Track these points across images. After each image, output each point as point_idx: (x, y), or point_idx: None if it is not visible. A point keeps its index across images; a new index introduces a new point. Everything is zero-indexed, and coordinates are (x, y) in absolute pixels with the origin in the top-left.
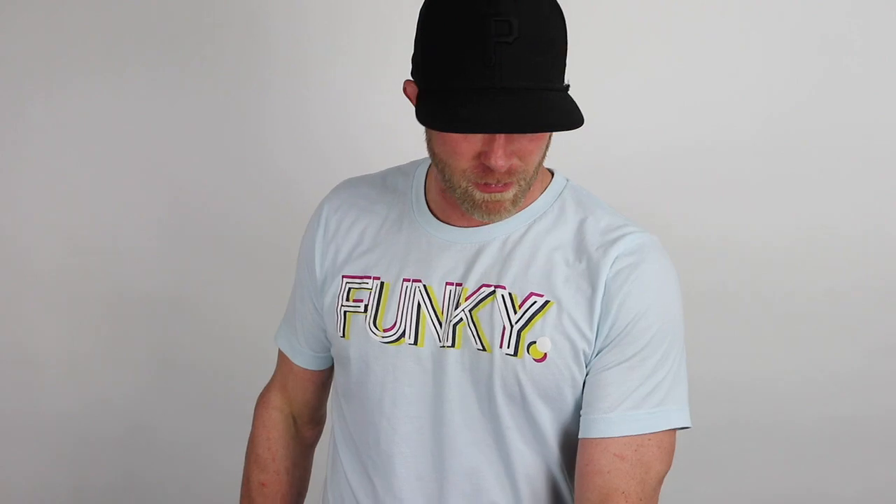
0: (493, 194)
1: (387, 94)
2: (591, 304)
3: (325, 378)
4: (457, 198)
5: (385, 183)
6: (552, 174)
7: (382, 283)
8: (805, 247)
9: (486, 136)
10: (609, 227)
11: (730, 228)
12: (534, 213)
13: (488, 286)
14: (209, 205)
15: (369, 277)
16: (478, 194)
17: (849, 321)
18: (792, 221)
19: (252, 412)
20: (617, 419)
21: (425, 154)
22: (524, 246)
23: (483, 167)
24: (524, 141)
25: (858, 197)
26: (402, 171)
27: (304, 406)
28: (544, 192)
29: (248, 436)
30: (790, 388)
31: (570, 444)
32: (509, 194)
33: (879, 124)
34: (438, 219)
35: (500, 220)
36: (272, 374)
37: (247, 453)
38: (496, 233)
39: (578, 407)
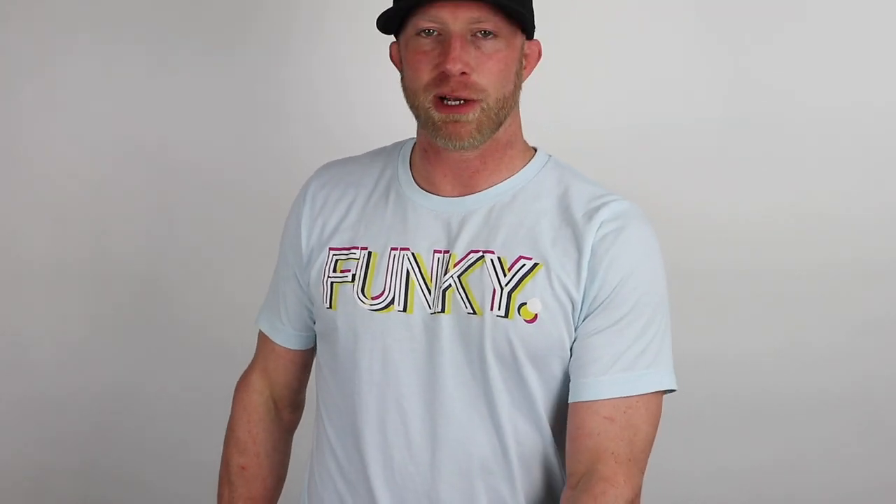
0: (452, 114)
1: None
2: (579, 267)
3: (306, 359)
4: (423, 126)
5: (368, 161)
6: (535, 152)
7: (370, 253)
8: (783, 223)
9: (445, 45)
10: (592, 196)
11: (709, 206)
12: (519, 182)
13: (476, 252)
14: (202, 187)
15: (356, 248)
16: (437, 115)
17: (826, 297)
18: (771, 198)
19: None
20: (608, 381)
21: None
22: (510, 213)
23: (441, 75)
24: (482, 57)
25: (836, 174)
26: (385, 150)
27: (284, 388)
28: (528, 164)
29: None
30: (767, 363)
31: (558, 412)
32: (469, 116)
33: (856, 99)
34: (422, 188)
35: (465, 147)
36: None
37: (226, 437)
38: (482, 202)
39: (565, 374)
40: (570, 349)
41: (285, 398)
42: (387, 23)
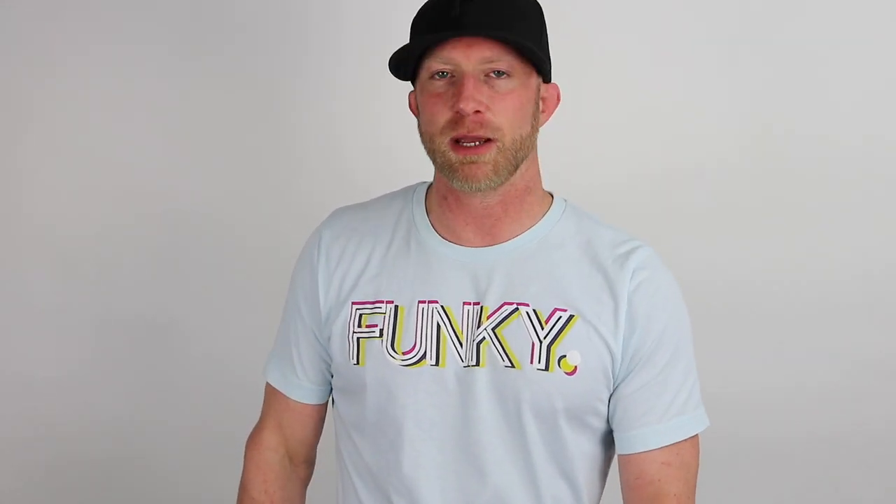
0: (468, 155)
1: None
2: (616, 318)
3: (322, 412)
4: (440, 169)
5: (383, 208)
6: (552, 198)
7: (397, 307)
8: (791, 267)
9: (458, 86)
10: (615, 241)
11: (717, 250)
12: (541, 231)
13: (510, 304)
14: (207, 225)
15: (382, 302)
16: (454, 156)
17: (835, 337)
18: (779, 241)
19: (241, 439)
20: (663, 430)
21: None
22: (537, 263)
23: (456, 116)
24: (496, 96)
25: (848, 218)
26: (397, 195)
27: (300, 444)
28: (548, 213)
29: (234, 463)
30: (775, 403)
31: (588, 463)
32: (486, 156)
33: (871, 148)
34: (444, 238)
35: (482, 188)
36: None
37: (239, 498)
38: (507, 252)
39: (599, 426)
40: (608, 400)
41: (301, 454)
42: (399, 66)
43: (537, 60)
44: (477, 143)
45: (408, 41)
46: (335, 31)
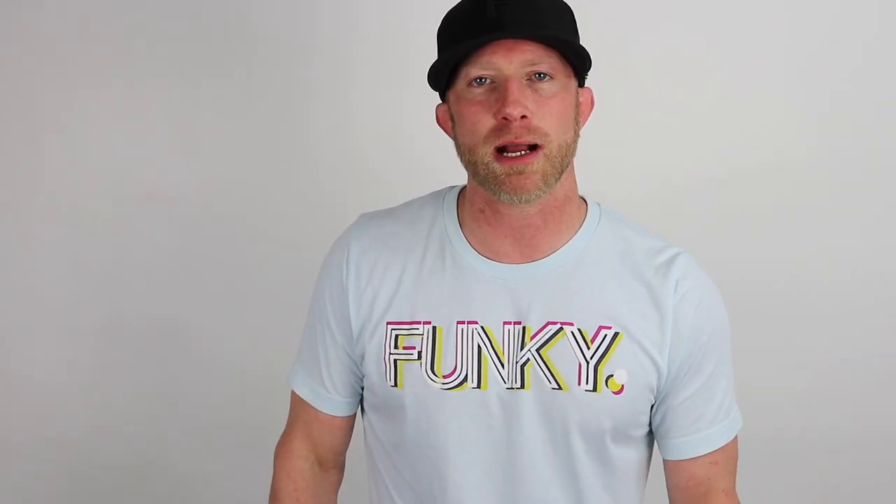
0: (514, 165)
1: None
2: (662, 331)
3: (352, 422)
4: (482, 182)
5: (412, 217)
6: (586, 204)
7: (434, 328)
8: (811, 270)
9: (501, 91)
10: (653, 249)
11: (739, 251)
12: (580, 244)
13: (554, 324)
14: (221, 226)
15: (419, 322)
16: (499, 167)
17: (854, 338)
18: (798, 243)
19: (253, 441)
20: (714, 433)
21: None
22: (578, 280)
23: (502, 125)
24: (540, 100)
25: (866, 222)
26: (426, 204)
27: (330, 452)
28: (584, 225)
29: (248, 465)
30: (790, 401)
31: (633, 471)
32: (534, 165)
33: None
34: (481, 254)
35: (531, 199)
36: (286, 415)
37: None
38: (547, 268)
39: (640, 434)
40: (651, 409)
41: (331, 460)
42: (437, 76)
43: (580, 60)
44: (522, 151)
45: (424, 34)
46: (352, 24)
